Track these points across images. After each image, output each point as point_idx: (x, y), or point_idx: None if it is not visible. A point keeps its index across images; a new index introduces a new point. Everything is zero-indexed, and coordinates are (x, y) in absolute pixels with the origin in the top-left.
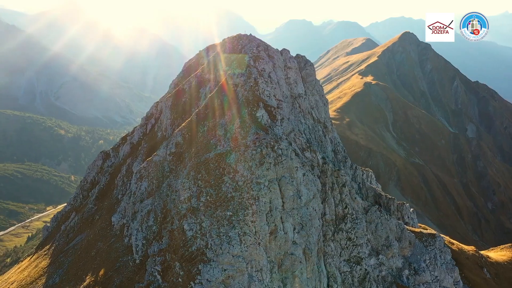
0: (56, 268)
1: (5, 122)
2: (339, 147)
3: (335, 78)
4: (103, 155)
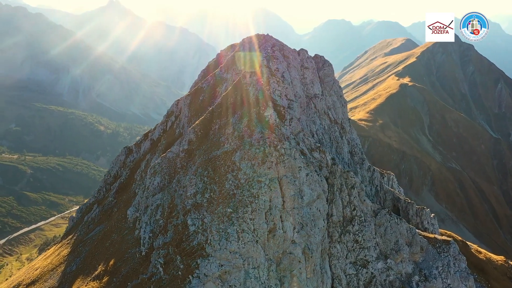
0: (75, 257)
1: (49, 117)
2: (357, 148)
3: (371, 79)
4: (126, 150)
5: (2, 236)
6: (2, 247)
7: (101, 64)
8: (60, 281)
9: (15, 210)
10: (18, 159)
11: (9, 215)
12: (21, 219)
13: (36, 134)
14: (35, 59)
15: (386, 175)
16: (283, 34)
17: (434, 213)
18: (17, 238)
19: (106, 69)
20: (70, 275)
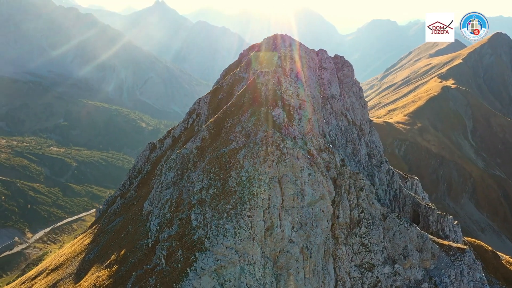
0: (94, 246)
1: (95, 113)
2: (376, 151)
3: (413, 81)
4: (150, 146)
5: (47, 225)
6: (47, 235)
7: (146, 63)
8: (79, 268)
9: (60, 200)
10: (65, 153)
11: (54, 205)
12: (65, 210)
13: (82, 129)
14: (84, 57)
15: (409, 179)
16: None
17: (474, 222)
18: (60, 227)
19: (150, 68)
20: (88, 263)
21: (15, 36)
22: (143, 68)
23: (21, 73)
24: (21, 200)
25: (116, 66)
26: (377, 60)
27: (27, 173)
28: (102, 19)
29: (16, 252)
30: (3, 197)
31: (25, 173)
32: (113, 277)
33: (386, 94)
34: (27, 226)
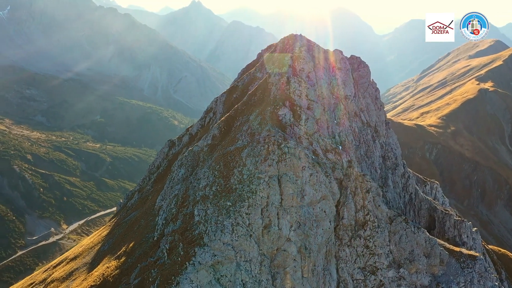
0: (109, 238)
1: (130, 110)
2: (391, 153)
3: (450, 83)
4: (170, 143)
5: (81, 218)
6: (81, 227)
7: (180, 63)
8: (94, 258)
9: (94, 194)
10: (100, 148)
11: (88, 199)
12: (99, 203)
13: (117, 125)
14: (122, 56)
15: (429, 183)
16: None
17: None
18: (94, 220)
19: (184, 67)
20: (102, 254)
21: (58, 35)
22: (177, 67)
23: (62, 71)
24: (58, 193)
25: (151, 65)
26: (414, 61)
27: (64, 167)
28: (140, 19)
29: (52, 242)
30: (41, 189)
31: (63, 167)
32: (120, 268)
33: (420, 96)
34: (63, 217)
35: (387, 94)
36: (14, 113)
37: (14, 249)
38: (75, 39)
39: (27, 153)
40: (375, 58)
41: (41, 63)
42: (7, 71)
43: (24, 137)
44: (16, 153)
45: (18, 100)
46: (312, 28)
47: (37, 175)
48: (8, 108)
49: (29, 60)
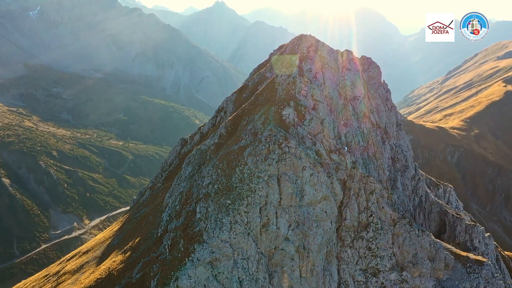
0: (119, 233)
1: (152, 109)
2: (401, 155)
3: (476, 85)
4: (182, 142)
5: (103, 213)
6: (102, 222)
7: (203, 62)
8: (103, 253)
9: (116, 191)
10: (123, 146)
11: (110, 195)
12: (120, 200)
13: (139, 124)
14: (145, 55)
15: (442, 187)
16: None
17: None
18: (115, 216)
19: (206, 67)
20: (111, 248)
21: (85, 35)
22: (200, 66)
23: (88, 70)
24: (81, 189)
25: (174, 64)
26: (440, 62)
27: (88, 163)
28: (165, 19)
29: (74, 236)
30: (65, 185)
31: (86, 164)
32: (125, 262)
33: (445, 98)
34: (85, 213)
35: (411, 96)
36: (41, 110)
37: (39, 243)
38: (101, 38)
39: (53, 150)
40: (400, 58)
41: (68, 62)
42: (35, 70)
43: (50, 134)
44: (42, 149)
45: (45, 98)
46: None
47: (62, 171)
48: (36, 106)
49: (57, 59)
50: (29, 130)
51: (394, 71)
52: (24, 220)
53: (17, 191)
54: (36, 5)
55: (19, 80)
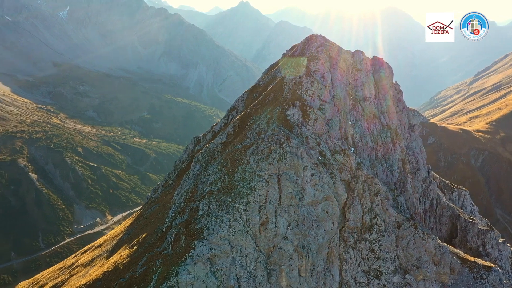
0: (130, 228)
1: (175, 108)
2: (412, 157)
3: (504, 86)
4: (195, 140)
5: (125, 209)
6: (124, 218)
7: (226, 62)
8: (114, 247)
9: (138, 188)
10: (146, 144)
11: (132, 192)
12: (142, 196)
13: (163, 122)
14: (170, 55)
15: (456, 190)
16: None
17: None
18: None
19: (229, 66)
20: (121, 243)
21: (112, 35)
22: (223, 66)
23: (114, 69)
24: (104, 185)
25: (198, 64)
26: (469, 63)
27: (111, 160)
28: (190, 19)
29: (97, 231)
30: (90, 181)
31: (110, 160)
32: (131, 257)
33: (471, 100)
34: (108, 208)
35: (437, 97)
36: (68, 107)
37: (63, 236)
38: (127, 38)
39: (78, 146)
40: (427, 59)
41: (95, 61)
42: (64, 68)
43: (76, 131)
44: (68, 146)
45: (72, 96)
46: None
47: (86, 167)
48: (63, 103)
49: (84, 58)
50: (56, 127)
51: (421, 72)
52: (49, 214)
53: (43, 186)
54: (65, 5)
55: (48, 78)
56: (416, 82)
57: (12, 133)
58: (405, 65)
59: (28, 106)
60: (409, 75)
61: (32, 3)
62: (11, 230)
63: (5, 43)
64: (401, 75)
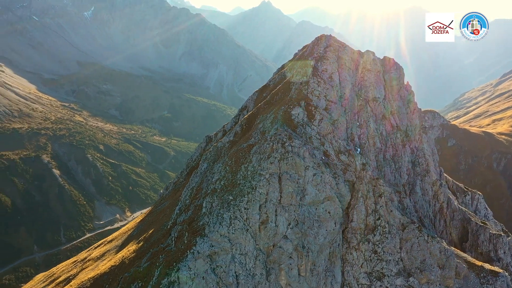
0: (140, 224)
1: (195, 107)
2: (422, 159)
3: None
4: (207, 139)
5: (144, 206)
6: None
7: (246, 62)
8: (123, 242)
9: (157, 185)
10: (165, 142)
11: (151, 189)
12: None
13: (182, 121)
14: (191, 55)
15: (470, 194)
16: None
17: None
18: None
19: (250, 66)
20: (130, 238)
21: (134, 34)
22: (243, 66)
23: (136, 68)
24: (124, 182)
25: (219, 64)
26: (496, 64)
27: (131, 158)
28: (212, 20)
29: (116, 227)
30: (110, 178)
31: (130, 158)
32: (136, 252)
33: (496, 102)
34: (127, 205)
35: (461, 99)
36: (91, 106)
37: (84, 231)
38: (149, 38)
39: (100, 144)
40: (451, 60)
41: (118, 60)
42: (88, 67)
43: (98, 129)
44: (90, 143)
45: (95, 94)
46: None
47: (107, 164)
48: (87, 101)
49: (108, 57)
50: (79, 125)
51: (445, 72)
52: (71, 210)
53: (66, 182)
54: (90, 5)
55: (72, 77)
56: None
57: (37, 130)
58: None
59: (52, 104)
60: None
61: (59, 4)
62: (35, 224)
63: (33, 42)
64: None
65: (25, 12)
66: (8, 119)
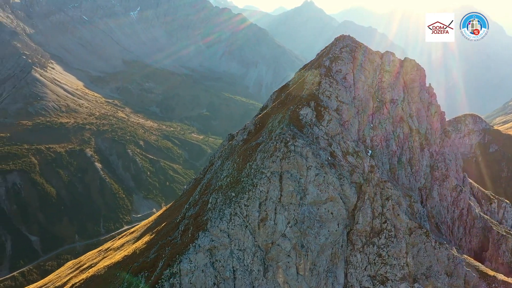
0: (159, 217)
1: (234, 106)
2: (442, 164)
3: None
4: (229, 137)
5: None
6: None
7: (286, 62)
8: (141, 234)
9: None
10: (203, 140)
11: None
12: None
13: (220, 119)
14: (231, 54)
15: (496, 201)
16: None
17: None
18: None
19: (289, 66)
20: (148, 230)
21: (178, 33)
22: (283, 66)
23: (178, 66)
24: (162, 177)
25: (258, 63)
26: None
27: (169, 154)
28: (254, 19)
29: None
30: (149, 173)
31: (168, 154)
32: (147, 243)
33: None
34: (164, 200)
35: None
36: (133, 102)
37: (121, 224)
38: (191, 37)
39: (140, 139)
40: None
41: (161, 59)
42: (132, 65)
43: (139, 125)
44: (131, 139)
45: (138, 92)
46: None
47: (146, 159)
48: (129, 98)
49: (151, 56)
50: (121, 121)
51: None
52: (111, 202)
53: (107, 175)
54: (137, 5)
55: (117, 74)
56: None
57: (82, 125)
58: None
59: (97, 100)
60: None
61: (107, 4)
62: (77, 214)
63: (82, 41)
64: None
65: (76, 12)
66: (56, 114)
